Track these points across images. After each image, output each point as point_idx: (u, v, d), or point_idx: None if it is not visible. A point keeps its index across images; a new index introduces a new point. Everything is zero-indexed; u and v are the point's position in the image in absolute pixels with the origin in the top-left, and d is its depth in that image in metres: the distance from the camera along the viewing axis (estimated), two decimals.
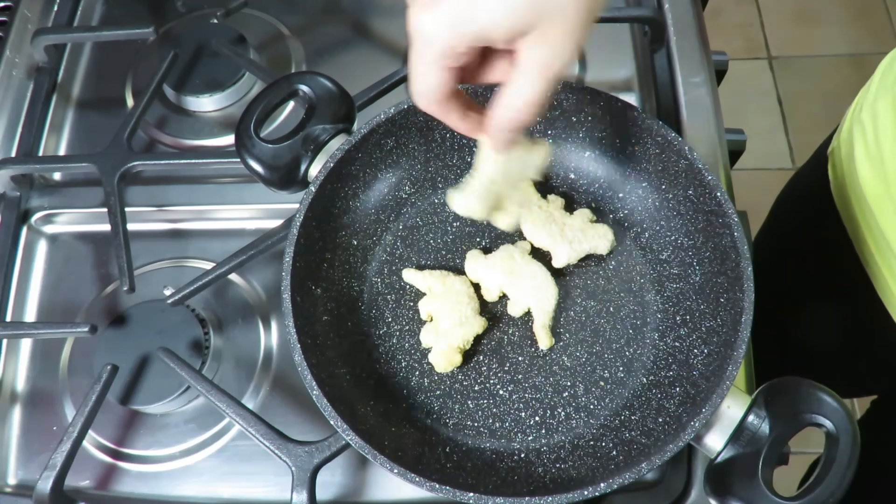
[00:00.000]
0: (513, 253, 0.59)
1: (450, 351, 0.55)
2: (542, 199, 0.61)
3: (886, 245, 0.64)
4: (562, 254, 0.58)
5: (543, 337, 0.56)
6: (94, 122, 0.78)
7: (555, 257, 0.59)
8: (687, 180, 0.56)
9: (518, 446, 0.54)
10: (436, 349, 0.56)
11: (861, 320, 0.73)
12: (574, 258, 0.59)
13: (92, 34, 0.81)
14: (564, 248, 0.58)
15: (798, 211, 0.85)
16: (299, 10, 0.83)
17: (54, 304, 0.68)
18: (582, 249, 0.59)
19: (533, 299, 0.57)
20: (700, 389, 0.51)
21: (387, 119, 0.58)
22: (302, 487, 0.52)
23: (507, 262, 0.58)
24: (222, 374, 0.63)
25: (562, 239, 0.58)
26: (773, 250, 0.89)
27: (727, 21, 2.04)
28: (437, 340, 0.56)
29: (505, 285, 0.58)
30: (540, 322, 0.56)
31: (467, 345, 0.56)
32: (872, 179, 0.64)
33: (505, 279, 0.57)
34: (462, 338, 0.55)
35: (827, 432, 0.48)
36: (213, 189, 0.71)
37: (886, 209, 0.63)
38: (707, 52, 0.75)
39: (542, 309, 0.57)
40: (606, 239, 0.59)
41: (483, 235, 0.62)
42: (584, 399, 0.55)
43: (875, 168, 0.64)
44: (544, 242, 0.59)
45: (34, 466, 0.61)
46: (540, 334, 0.56)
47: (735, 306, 0.51)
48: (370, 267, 0.60)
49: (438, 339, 0.56)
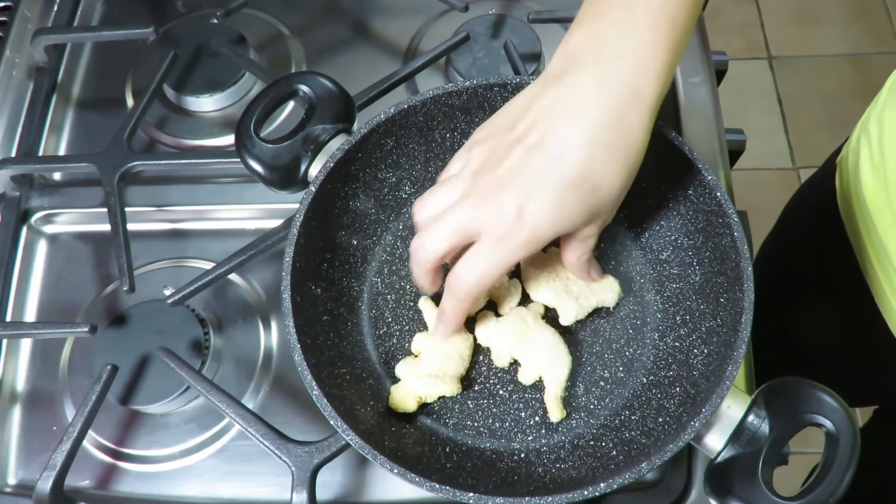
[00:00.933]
0: (525, 317, 0.56)
1: (410, 395, 0.53)
2: (542, 253, 0.58)
3: (886, 256, 0.64)
4: (569, 311, 0.55)
5: (555, 409, 0.53)
6: (94, 122, 0.78)
7: (561, 315, 0.56)
8: (687, 180, 0.56)
9: (518, 446, 0.54)
10: (400, 385, 0.54)
11: (861, 322, 0.73)
12: (582, 314, 0.56)
13: (92, 34, 0.81)
14: (571, 304, 0.55)
15: (805, 219, 0.85)
16: (299, 10, 0.83)
17: (54, 304, 0.68)
18: (589, 305, 0.56)
19: (546, 368, 0.54)
20: (700, 389, 0.51)
21: (387, 119, 0.58)
22: (302, 487, 0.52)
23: (519, 326, 0.55)
24: (222, 374, 0.63)
25: (567, 295, 0.56)
26: (780, 258, 0.89)
27: (727, 21, 2.04)
28: (408, 377, 0.54)
29: (516, 352, 0.55)
30: (552, 393, 0.54)
31: (430, 399, 0.54)
32: (875, 188, 0.64)
33: (516, 346, 0.55)
34: (428, 391, 0.53)
35: (827, 432, 0.48)
36: (213, 189, 0.71)
37: (887, 219, 0.63)
38: (707, 52, 0.75)
39: (555, 379, 0.54)
40: (613, 291, 0.57)
41: None
42: (584, 399, 0.55)
43: (878, 177, 0.64)
44: (549, 300, 0.56)
45: (34, 466, 0.61)
46: (551, 405, 0.54)
47: (735, 306, 0.51)
48: (370, 267, 0.60)
49: (410, 377, 0.54)
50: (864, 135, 0.68)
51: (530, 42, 0.75)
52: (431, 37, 0.80)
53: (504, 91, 0.59)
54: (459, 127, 0.61)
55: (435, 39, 0.77)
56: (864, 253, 0.68)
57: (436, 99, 0.58)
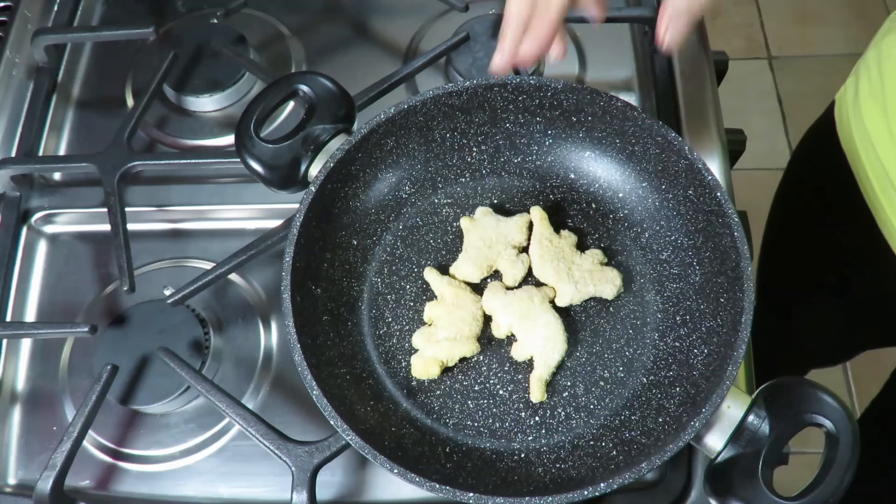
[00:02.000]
0: (533, 296, 0.57)
1: (432, 361, 0.55)
2: (555, 234, 0.59)
3: (886, 176, 0.66)
4: (565, 294, 0.57)
5: (536, 390, 0.54)
6: (94, 122, 0.78)
7: (558, 296, 0.57)
8: (687, 180, 0.56)
9: (518, 446, 0.54)
10: (421, 353, 0.56)
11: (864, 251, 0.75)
12: (577, 300, 0.57)
13: (92, 34, 0.81)
14: (569, 288, 0.57)
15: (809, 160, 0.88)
16: (299, 10, 0.83)
17: (54, 304, 0.68)
18: (587, 292, 0.57)
19: (539, 348, 0.55)
20: (700, 389, 0.51)
21: (387, 119, 0.58)
22: (302, 487, 0.52)
23: (525, 303, 0.56)
24: (222, 374, 0.63)
25: (568, 279, 0.57)
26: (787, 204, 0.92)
27: (727, 21, 2.04)
28: (426, 345, 0.56)
29: (515, 327, 0.56)
30: (538, 374, 0.55)
31: (451, 361, 0.55)
32: (874, 113, 0.67)
33: (516, 321, 0.56)
34: (449, 353, 0.55)
35: (827, 432, 0.48)
36: (213, 189, 0.71)
37: (885, 141, 0.65)
38: (707, 52, 0.75)
39: (545, 362, 0.55)
40: (613, 284, 0.57)
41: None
42: (584, 399, 0.55)
43: (876, 101, 0.66)
44: (549, 279, 0.58)
45: (34, 466, 0.61)
46: (534, 385, 0.54)
47: (735, 306, 0.51)
48: (370, 267, 0.60)
49: (428, 344, 0.55)
50: (864, 65, 0.71)
51: None
52: (431, 37, 0.80)
53: (504, 91, 0.59)
54: (459, 127, 0.61)
55: (435, 39, 0.77)
56: (866, 178, 0.69)
57: (436, 99, 0.58)
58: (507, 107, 0.60)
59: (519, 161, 0.63)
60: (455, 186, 0.63)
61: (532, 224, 0.60)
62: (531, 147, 0.62)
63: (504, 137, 0.62)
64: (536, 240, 0.59)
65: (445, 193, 0.63)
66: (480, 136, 0.62)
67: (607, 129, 0.60)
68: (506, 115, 0.61)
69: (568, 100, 0.59)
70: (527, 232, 0.60)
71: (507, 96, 0.59)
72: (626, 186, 0.61)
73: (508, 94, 0.59)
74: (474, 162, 0.63)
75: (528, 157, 0.63)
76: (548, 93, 0.59)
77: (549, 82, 0.58)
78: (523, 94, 0.59)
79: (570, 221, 0.62)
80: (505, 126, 0.62)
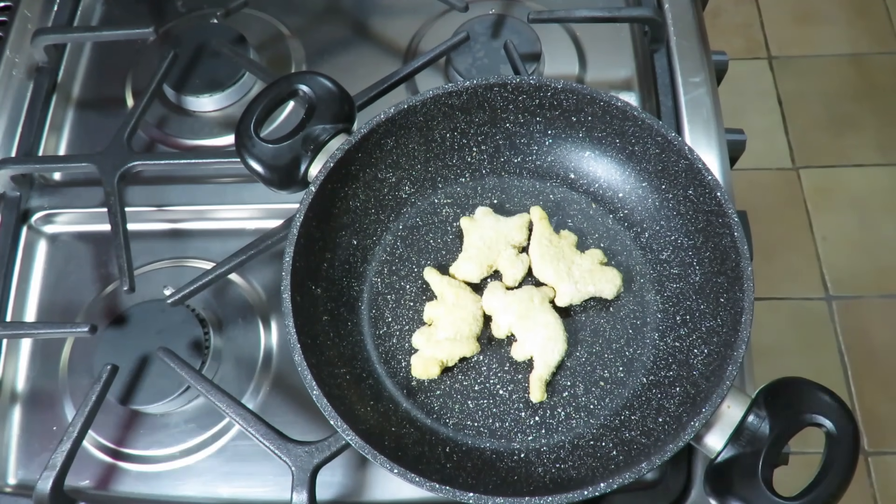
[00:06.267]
0: (533, 296, 0.57)
1: (432, 361, 0.55)
2: (555, 234, 0.59)
3: None
4: (565, 293, 0.57)
5: (536, 390, 0.54)
6: (94, 122, 0.78)
7: (558, 296, 0.57)
8: (687, 180, 0.56)
9: (518, 446, 0.54)
10: (421, 353, 0.56)
11: None
12: (577, 299, 0.57)
13: (92, 34, 0.81)
14: (569, 287, 0.57)
15: None
16: (299, 10, 0.83)
17: (54, 304, 0.68)
18: (587, 291, 0.57)
19: (539, 348, 0.55)
20: (700, 389, 0.51)
21: (387, 119, 0.58)
22: (302, 487, 0.52)
23: (525, 303, 0.56)
24: (222, 374, 0.63)
25: (568, 278, 0.57)
26: None
27: (727, 21, 2.03)
28: (426, 345, 0.56)
29: (515, 327, 0.56)
30: (538, 374, 0.55)
31: (451, 361, 0.55)
32: None
33: (516, 321, 0.56)
34: (449, 353, 0.55)
35: (827, 432, 0.48)
36: (213, 189, 0.71)
37: None
38: (707, 52, 0.75)
39: (545, 362, 0.55)
40: (613, 284, 0.58)
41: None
42: (584, 399, 0.55)
43: None
44: (549, 278, 0.58)
45: (34, 466, 0.61)
46: (534, 385, 0.55)
47: (735, 306, 0.51)
48: (370, 267, 0.60)
49: (428, 344, 0.56)
50: None
51: (530, 42, 0.75)
52: (431, 37, 0.80)
53: (504, 91, 0.59)
54: (459, 127, 0.61)
55: (435, 39, 0.77)
56: None
57: (436, 99, 0.58)
58: (507, 107, 0.60)
59: (519, 161, 0.63)
60: (455, 186, 0.63)
61: (532, 224, 0.60)
62: (531, 147, 0.63)
63: (504, 137, 0.62)
64: (536, 240, 0.59)
65: (445, 193, 0.63)
66: (480, 136, 0.62)
67: (607, 129, 0.60)
68: (506, 115, 0.61)
69: (568, 100, 0.59)
70: (527, 232, 0.60)
71: (507, 96, 0.59)
72: (626, 186, 0.61)
73: (508, 94, 0.59)
74: (474, 162, 0.63)
75: (528, 157, 0.63)
76: (548, 93, 0.59)
77: (549, 82, 0.58)
78: (523, 94, 0.59)
79: (570, 221, 0.62)
80: (505, 126, 0.62)
